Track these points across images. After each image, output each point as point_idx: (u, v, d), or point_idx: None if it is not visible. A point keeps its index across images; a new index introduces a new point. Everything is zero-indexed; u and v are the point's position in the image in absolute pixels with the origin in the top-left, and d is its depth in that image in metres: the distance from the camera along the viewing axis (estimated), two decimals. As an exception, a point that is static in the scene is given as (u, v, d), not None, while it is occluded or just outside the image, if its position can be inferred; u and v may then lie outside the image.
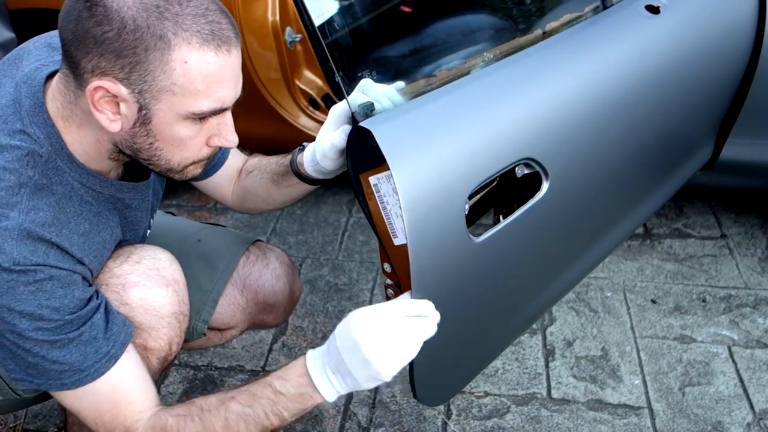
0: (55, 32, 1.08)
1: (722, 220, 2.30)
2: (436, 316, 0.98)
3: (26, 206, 0.92)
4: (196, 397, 1.68)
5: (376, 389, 1.72)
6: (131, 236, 1.14)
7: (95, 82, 0.87)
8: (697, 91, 1.50)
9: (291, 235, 2.30)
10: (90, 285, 1.01)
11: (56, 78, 0.96)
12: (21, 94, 0.96)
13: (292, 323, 1.93)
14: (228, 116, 0.97)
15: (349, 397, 1.70)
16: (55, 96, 0.95)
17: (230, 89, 0.92)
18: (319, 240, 2.27)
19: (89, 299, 0.98)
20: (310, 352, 0.99)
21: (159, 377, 1.19)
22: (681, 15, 1.42)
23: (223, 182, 1.31)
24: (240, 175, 1.32)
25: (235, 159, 1.31)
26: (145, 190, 1.13)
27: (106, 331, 0.99)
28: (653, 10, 1.37)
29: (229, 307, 1.37)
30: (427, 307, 0.97)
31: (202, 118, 0.92)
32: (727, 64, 1.57)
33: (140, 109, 0.89)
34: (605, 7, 1.38)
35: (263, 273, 1.40)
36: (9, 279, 0.90)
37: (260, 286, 1.39)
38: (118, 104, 0.89)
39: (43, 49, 1.04)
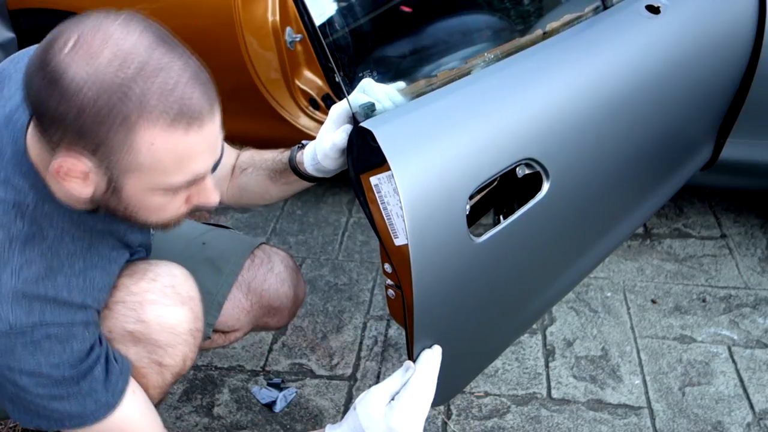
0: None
1: (722, 220, 2.30)
2: (438, 354, 1.07)
3: (18, 262, 0.90)
4: (196, 397, 1.69)
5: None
6: (140, 253, 1.14)
7: (59, 159, 0.82)
8: (698, 91, 1.50)
9: (291, 235, 2.30)
10: (97, 326, 1.00)
11: (32, 125, 0.90)
12: (2, 140, 0.92)
13: (292, 323, 1.93)
14: (207, 180, 0.91)
15: (349, 396, 1.70)
16: (35, 143, 0.90)
17: (205, 161, 0.87)
18: (319, 240, 2.27)
19: (90, 349, 0.97)
20: None
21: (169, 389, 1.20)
22: (681, 15, 1.42)
23: (217, 182, 1.30)
24: (234, 173, 1.30)
25: (228, 157, 1.29)
26: None
27: (105, 381, 0.98)
28: (653, 10, 1.37)
29: (234, 310, 1.37)
30: (431, 357, 1.06)
31: (176, 189, 0.88)
32: (727, 64, 1.57)
33: (109, 181, 0.85)
34: (605, 8, 1.38)
35: (268, 277, 1.39)
36: (6, 342, 0.89)
37: (265, 290, 1.39)
38: (87, 173, 0.85)
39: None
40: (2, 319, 0.88)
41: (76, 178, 0.84)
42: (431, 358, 1.07)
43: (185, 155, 0.83)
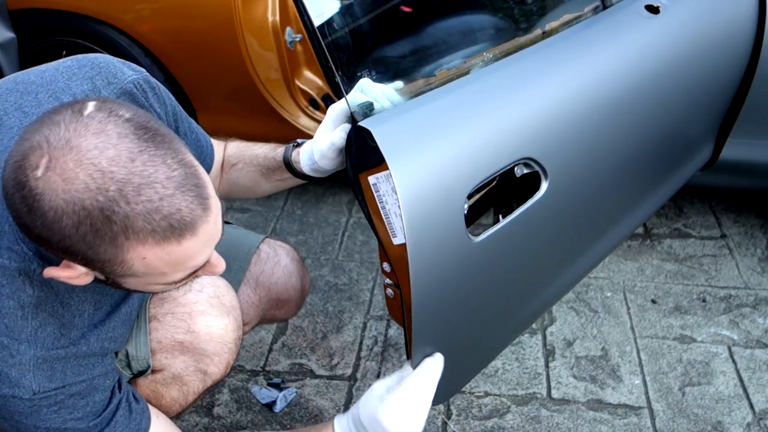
0: (29, 79, 0.94)
1: (722, 220, 2.30)
2: (440, 361, 1.09)
3: (33, 328, 0.89)
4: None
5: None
6: None
7: (48, 270, 0.81)
8: (697, 91, 1.50)
9: (291, 235, 2.30)
10: (116, 371, 1.01)
11: None
12: (1, 204, 0.85)
13: (292, 323, 1.93)
14: (212, 258, 0.88)
15: (349, 397, 1.70)
16: None
17: (205, 254, 0.83)
18: (319, 240, 2.27)
19: (111, 395, 0.99)
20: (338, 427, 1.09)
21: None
22: (681, 15, 1.41)
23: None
24: (223, 168, 1.28)
25: (217, 153, 1.27)
26: None
27: (128, 423, 1.01)
28: (653, 10, 1.37)
29: (243, 305, 1.37)
30: (432, 365, 1.07)
31: (178, 281, 0.86)
32: (727, 64, 1.57)
33: (107, 278, 0.83)
34: (605, 7, 1.38)
35: (275, 270, 1.40)
36: (31, 405, 0.90)
37: (273, 284, 1.40)
38: (84, 273, 0.82)
39: (14, 114, 0.90)
40: (26, 387, 0.89)
41: (72, 278, 0.82)
42: (432, 363, 1.08)
43: (181, 259, 0.80)
